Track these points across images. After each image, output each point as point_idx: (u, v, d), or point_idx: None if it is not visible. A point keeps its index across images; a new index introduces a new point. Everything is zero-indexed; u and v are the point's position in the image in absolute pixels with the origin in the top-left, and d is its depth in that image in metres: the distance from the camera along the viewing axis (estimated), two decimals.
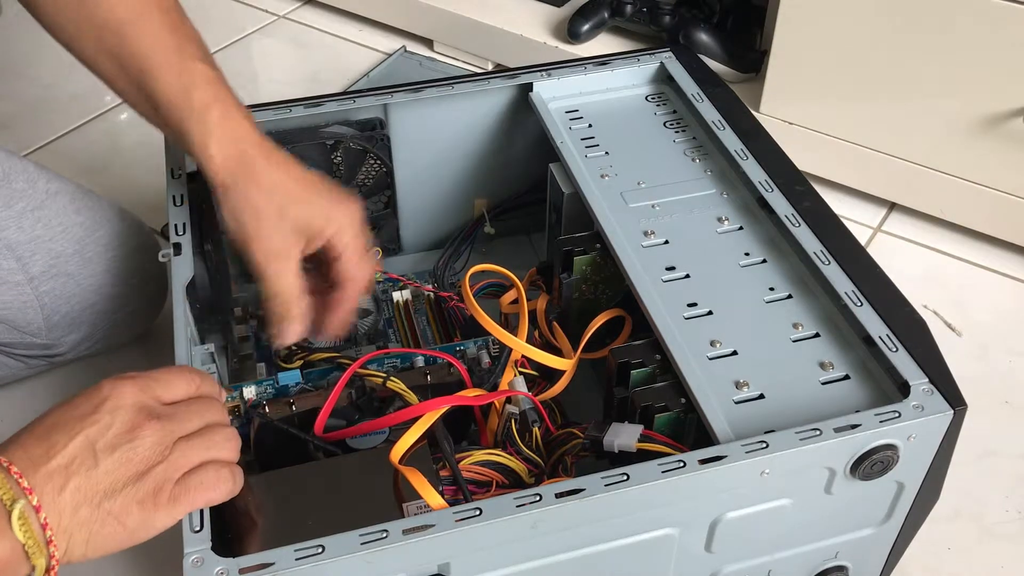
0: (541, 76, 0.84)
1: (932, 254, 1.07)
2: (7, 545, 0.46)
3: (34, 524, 0.47)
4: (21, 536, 0.46)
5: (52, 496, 0.48)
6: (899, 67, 0.99)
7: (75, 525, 0.49)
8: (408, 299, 0.86)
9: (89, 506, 0.49)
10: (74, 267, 0.82)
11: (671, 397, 0.62)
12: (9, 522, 0.46)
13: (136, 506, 0.50)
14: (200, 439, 0.53)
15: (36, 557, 0.47)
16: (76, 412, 0.51)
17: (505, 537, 0.52)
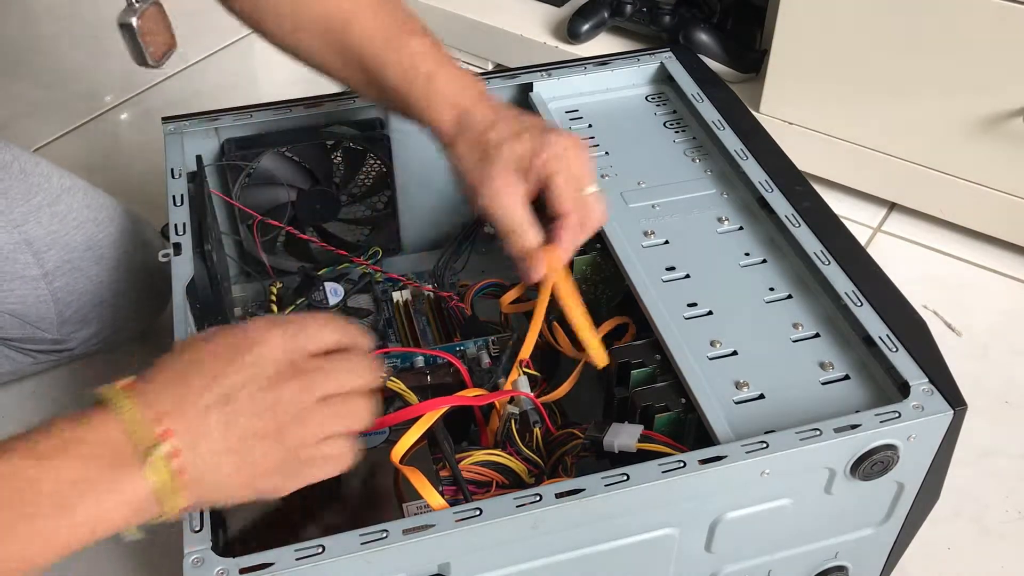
0: (541, 76, 0.84)
1: (932, 254, 1.07)
2: (142, 485, 0.46)
3: (169, 466, 0.46)
4: (155, 477, 0.46)
5: (188, 440, 0.47)
6: (899, 67, 0.99)
7: (208, 470, 0.48)
8: (408, 299, 0.86)
9: (222, 454, 0.48)
10: (86, 263, 0.84)
11: (671, 397, 0.62)
12: (145, 463, 0.46)
13: (264, 469, 0.49)
14: (338, 407, 0.51)
15: (168, 500, 0.47)
16: (218, 355, 0.50)
17: (505, 537, 0.52)
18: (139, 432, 0.46)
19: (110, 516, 0.46)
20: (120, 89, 1.33)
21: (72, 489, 0.45)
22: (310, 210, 0.85)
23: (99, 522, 0.45)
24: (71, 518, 0.45)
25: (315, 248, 0.86)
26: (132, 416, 0.47)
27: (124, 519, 0.46)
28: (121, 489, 0.46)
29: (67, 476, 0.45)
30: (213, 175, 0.82)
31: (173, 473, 0.46)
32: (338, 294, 0.81)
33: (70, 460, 0.45)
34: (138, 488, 0.46)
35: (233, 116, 0.81)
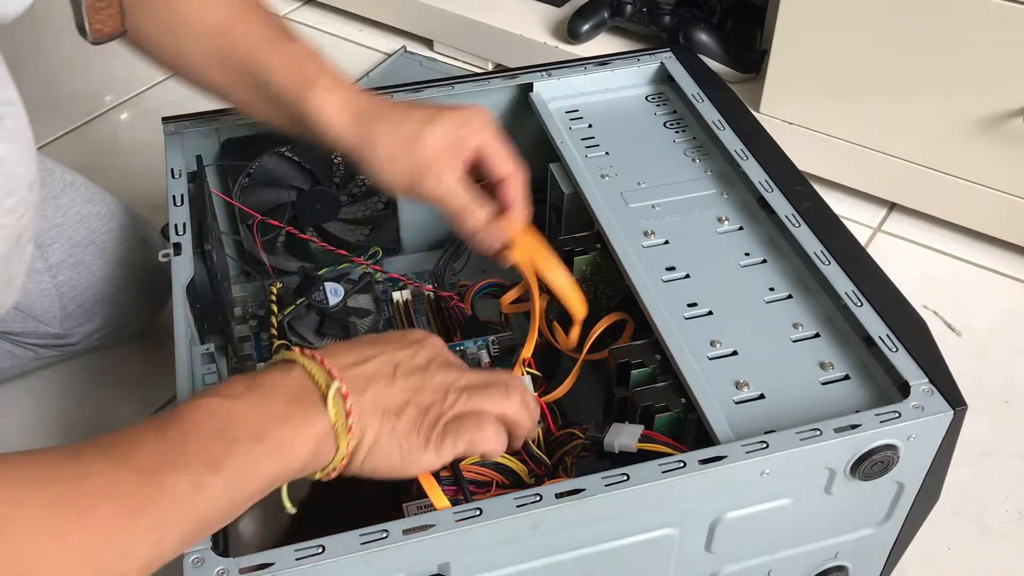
0: (541, 76, 0.84)
1: (932, 254, 1.07)
2: (324, 422, 0.50)
3: (343, 404, 0.50)
4: (333, 415, 0.50)
5: (355, 391, 0.51)
6: (899, 67, 0.99)
7: (367, 424, 0.52)
8: (408, 299, 0.86)
9: (379, 415, 0.52)
10: (89, 257, 0.84)
11: (671, 397, 0.62)
12: (324, 401, 0.50)
13: (413, 432, 0.53)
14: (479, 391, 0.56)
15: (341, 439, 0.50)
16: (387, 338, 0.56)
17: (505, 537, 0.52)
18: (318, 374, 0.51)
19: (296, 448, 0.49)
20: (120, 89, 1.33)
21: (262, 420, 0.48)
22: (310, 210, 0.85)
23: (289, 451, 0.48)
24: (264, 447, 0.48)
25: (315, 248, 0.86)
26: (310, 364, 0.51)
27: (307, 454, 0.49)
28: (305, 420, 0.49)
29: (257, 409, 0.49)
30: (213, 175, 0.82)
31: (346, 412, 0.50)
32: (338, 294, 0.81)
33: (258, 396, 0.49)
34: (319, 422, 0.50)
35: (233, 116, 0.81)
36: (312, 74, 0.66)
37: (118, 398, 0.91)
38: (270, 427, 0.48)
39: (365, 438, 0.52)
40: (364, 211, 0.88)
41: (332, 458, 0.51)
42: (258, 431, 0.48)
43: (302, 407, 0.50)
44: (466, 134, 0.66)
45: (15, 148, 0.55)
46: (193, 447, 0.46)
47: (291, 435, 0.49)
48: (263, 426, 0.48)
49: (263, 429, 0.48)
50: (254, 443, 0.47)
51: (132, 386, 0.92)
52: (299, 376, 0.51)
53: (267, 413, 0.49)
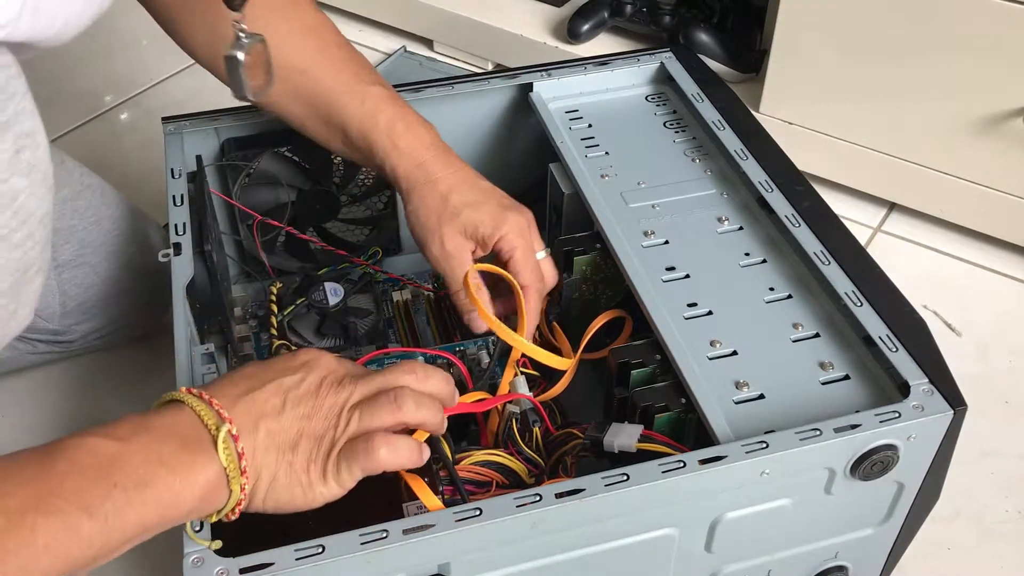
0: (541, 76, 0.84)
1: (932, 254, 1.07)
2: (213, 468, 0.49)
3: (234, 447, 0.49)
4: (224, 460, 0.49)
5: (247, 431, 0.50)
6: (899, 67, 0.99)
7: (263, 465, 0.51)
8: (408, 299, 0.86)
9: (275, 451, 0.51)
10: (98, 258, 0.84)
11: (671, 397, 0.62)
12: (215, 445, 0.49)
13: (311, 466, 0.52)
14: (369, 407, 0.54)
15: (234, 483, 0.49)
16: (274, 365, 0.54)
17: (505, 537, 0.52)
18: (207, 417, 0.50)
19: (182, 496, 0.48)
20: (120, 89, 1.33)
21: (148, 466, 0.47)
22: (310, 210, 0.85)
23: (172, 501, 0.47)
24: (147, 494, 0.46)
25: (315, 248, 0.86)
26: (199, 406, 0.50)
27: (194, 500, 0.48)
28: (192, 467, 0.48)
29: (143, 455, 0.47)
30: (213, 175, 0.82)
31: (237, 455, 0.49)
32: (338, 294, 0.81)
33: (146, 441, 0.48)
34: (208, 469, 0.48)
35: (233, 116, 0.81)
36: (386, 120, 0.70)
37: (118, 398, 0.91)
38: (156, 474, 0.47)
39: (262, 478, 0.51)
40: (364, 211, 0.88)
41: (226, 502, 0.50)
42: (143, 477, 0.47)
43: (190, 453, 0.48)
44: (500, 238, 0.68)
45: (30, 182, 0.55)
46: (70, 488, 0.45)
47: (177, 483, 0.47)
48: (148, 473, 0.47)
49: (148, 476, 0.47)
50: (137, 489, 0.46)
51: (132, 386, 0.92)
52: (189, 418, 0.50)
53: (153, 459, 0.47)
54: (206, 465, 0.49)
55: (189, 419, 0.50)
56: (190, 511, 0.49)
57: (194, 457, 0.48)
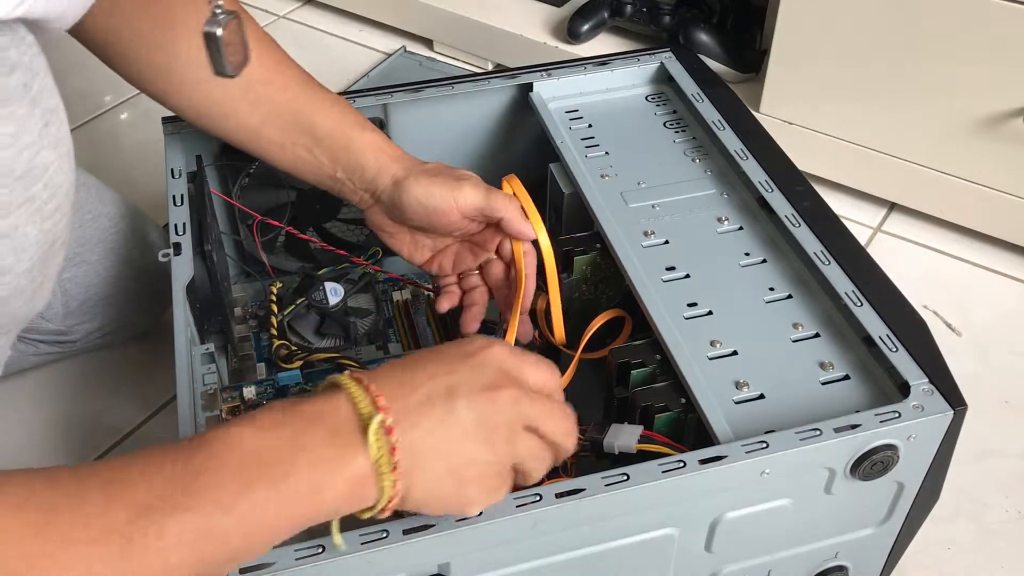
0: (541, 76, 0.84)
1: (932, 254, 1.07)
2: (362, 462, 0.46)
3: (386, 440, 0.46)
4: (375, 451, 0.46)
5: (405, 425, 0.47)
6: (899, 67, 0.99)
7: (417, 464, 0.47)
8: (408, 299, 0.86)
9: (435, 456, 0.48)
10: (97, 256, 0.84)
11: (671, 397, 0.62)
12: (365, 436, 0.46)
13: (476, 482, 0.49)
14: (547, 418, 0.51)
15: (384, 479, 0.46)
16: (442, 357, 0.51)
17: (505, 537, 0.52)
18: (362, 404, 0.47)
19: (325, 492, 0.45)
20: (120, 89, 1.33)
21: (289, 460, 0.44)
22: (310, 210, 0.85)
23: (318, 495, 0.45)
24: (287, 489, 0.44)
25: (315, 248, 0.86)
26: (355, 391, 0.47)
27: (339, 498, 0.45)
28: (338, 461, 0.45)
29: (286, 447, 0.45)
30: (213, 175, 0.82)
31: (389, 448, 0.46)
32: (338, 294, 0.81)
33: (290, 432, 0.45)
34: (357, 463, 0.45)
35: None
36: (357, 119, 0.72)
37: (118, 398, 0.91)
38: (298, 468, 0.44)
39: (416, 477, 0.47)
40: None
41: (376, 500, 0.47)
42: (283, 472, 0.44)
43: (337, 446, 0.46)
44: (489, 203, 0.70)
45: (57, 155, 0.56)
46: (205, 485, 0.43)
47: (320, 478, 0.45)
48: (290, 466, 0.44)
49: (288, 470, 0.44)
50: (276, 484, 0.44)
51: (132, 386, 0.92)
52: (342, 405, 0.47)
53: (296, 452, 0.45)
54: (353, 459, 0.45)
55: (342, 407, 0.47)
56: (336, 508, 0.46)
57: (341, 450, 0.45)
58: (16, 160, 0.52)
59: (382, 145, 0.71)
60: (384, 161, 0.71)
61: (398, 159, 0.71)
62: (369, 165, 0.71)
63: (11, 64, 0.50)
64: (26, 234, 0.54)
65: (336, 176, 0.72)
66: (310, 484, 0.44)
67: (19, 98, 0.51)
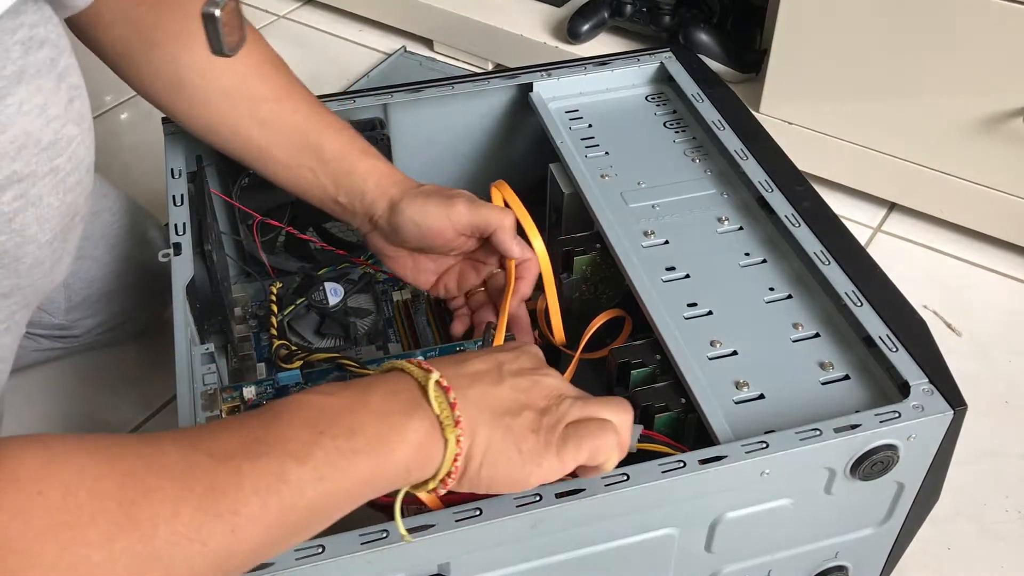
0: (541, 76, 0.84)
1: (932, 254, 1.07)
2: (426, 417, 0.47)
3: (445, 397, 0.48)
4: (436, 407, 0.47)
5: (459, 387, 0.49)
6: (899, 67, 0.99)
7: (478, 422, 0.48)
8: (408, 299, 0.86)
9: (491, 413, 0.49)
10: (99, 251, 0.85)
11: (671, 397, 0.62)
12: (426, 396, 0.47)
13: (532, 434, 0.50)
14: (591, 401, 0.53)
15: (448, 431, 0.47)
16: (487, 351, 0.54)
17: (505, 537, 0.52)
18: (415, 372, 0.49)
19: (394, 445, 0.46)
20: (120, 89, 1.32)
21: (357, 415, 0.46)
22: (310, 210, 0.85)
23: (384, 449, 0.45)
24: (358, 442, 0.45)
25: (315, 248, 0.86)
26: (408, 366, 0.49)
27: (409, 453, 0.46)
28: (404, 416, 0.47)
29: (352, 405, 0.46)
30: (213, 175, 0.82)
31: (449, 404, 0.47)
32: (338, 294, 0.81)
33: (354, 394, 0.47)
34: (420, 418, 0.47)
35: None
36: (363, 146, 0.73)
37: (118, 397, 0.91)
38: (365, 422, 0.46)
39: (477, 438, 0.48)
40: None
41: (442, 459, 0.47)
42: (351, 426, 0.45)
43: (401, 402, 0.47)
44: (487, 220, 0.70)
45: (80, 130, 0.58)
46: (277, 436, 0.44)
47: (388, 430, 0.46)
48: (357, 421, 0.46)
49: (357, 423, 0.45)
50: (346, 438, 0.45)
51: (132, 386, 0.92)
52: (396, 376, 0.49)
53: (362, 408, 0.46)
54: (417, 414, 0.47)
55: (397, 375, 0.49)
56: (407, 466, 0.46)
57: (405, 407, 0.47)
58: (43, 131, 0.54)
59: (384, 171, 0.72)
60: (384, 186, 0.71)
61: (396, 183, 0.72)
62: (369, 190, 0.71)
63: (40, 41, 0.53)
64: (49, 204, 0.56)
65: (338, 200, 0.73)
66: (379, 437, 0.46)
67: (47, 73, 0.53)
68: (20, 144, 0.53)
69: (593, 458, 0.51)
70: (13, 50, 0.52)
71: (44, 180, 0.55)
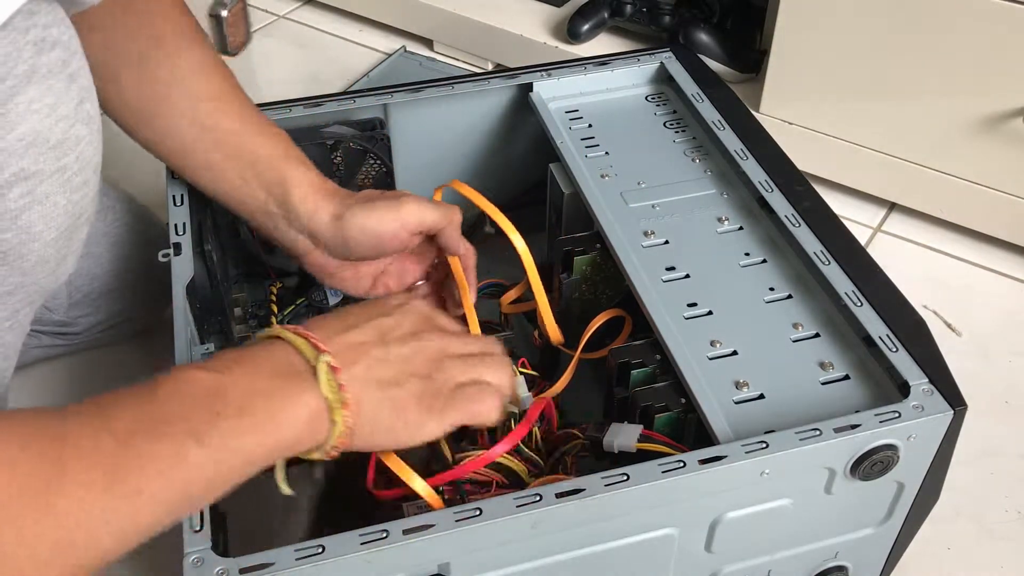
0: (541, 76, 0.84)
1: (932, 254, 1.07)
2: (315, 399, 0.50)
3: (334, 378, 0.50)
4: (325, 390, 0.50)
5: (346, 364, 0.51)
6: (899, 67, 0.99)
7: (364, 399, 0.51)
8: None
9: (376, 387, 0.52)
10: (101, 248, 0.85)
11: (671, 397, 0.62)
12: (315, 376, 0.50)
13: (415, 402, 0.53)
14: (474, 359, 0.57)
15: (336, 414, 0.50)
16: (369, 309, 0.56)
17: (505, 537, 0.53)
18: (305, 350, 0.51)
19: (283, 424, 0.48)
20: None
21: (248, 396, 0.48)
22: None
23: (274, 428, 0.48)
24: (249, 422, 0.47)
25: None
26: (296, 340, 0.51)
27: (297, 430, 0.49)
28: (292, 397, 0.49)
29: (242, 386, 0.48)
30: None
31: (337, 386, 0.50)
32: (338, 294, 0.81)
33: (243, 373, 0.49)
34: (310, 399, 0.49)
35: None
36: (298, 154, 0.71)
37: None
38: (255, 404, 0.48)
39: (364, 412, 0.51)
40: None
41: (329, 435, 0.50)
42: (243, 407, 0.47)
43: (289, 382, 0.49)
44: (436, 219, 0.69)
45: (89, 131, 0.59)
46: (176, 415, 0.46)
47: (278, 410, 0.48)
48: (248, 402, 0.48)
49: (248, 405, 0.48)
50: (239, 418, 0.47)
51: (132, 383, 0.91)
52: (284, 351, 0.51)
53: (252, 390, 0.48)
54: (306, 394, 0.49)
55: (286, 352, 0.51)
56: (296, 441, 0.49)
57: (294, 388, 0.49)
58: (52, 130, 0.55)
59: (316, 182, 0.70)
60: (318, 200, 0.69)
61: (330, 195, 0.70)
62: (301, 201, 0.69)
63: (52, 42, 0.53)
64: (56, 203, 0.57)
65: (270, 210, 0.71)
66: (270, 419, 0.48)
67: (58, 73, 0.54)
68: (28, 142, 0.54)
69: (474, 420, 0.55)
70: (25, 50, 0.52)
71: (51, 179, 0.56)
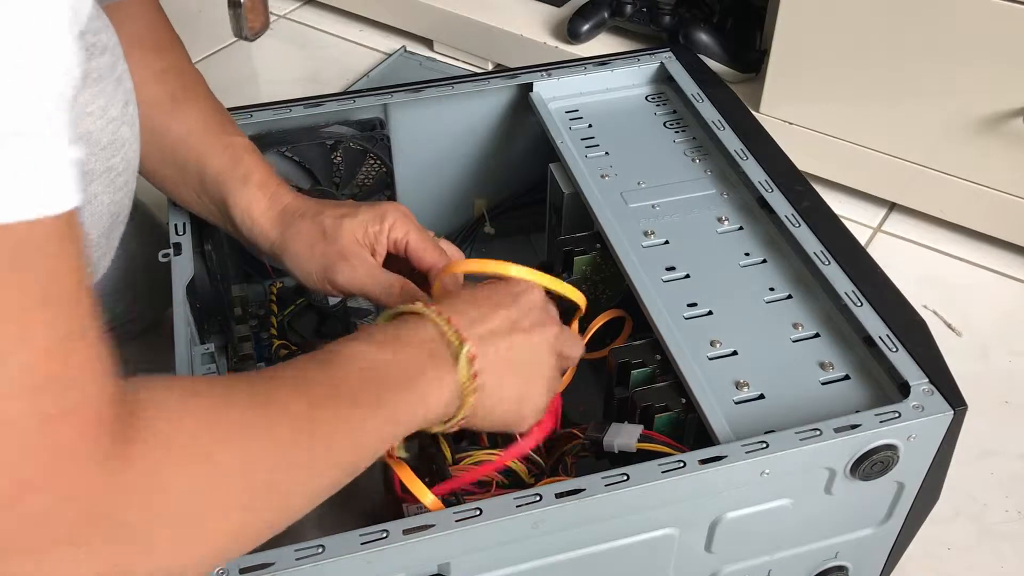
0: (541, 76, 0.84)
1: (932, 254, 1.07)
2: (454, 382, 0.53)
3: (471, 366, 0.53)
4: (463, 376, 0.53)
5: (480, 353, 0.54)
6: (899, 67, 0.99)
7: (489, 384, 0.55)
8: None
9: (499, 373, 0.55)
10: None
11: (671, 397, 0.62)
12: (456, 361, 0.53)
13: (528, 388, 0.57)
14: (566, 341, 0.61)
15: (467, 397, 0.53)
16: (497, 296, 0.58)
17: (505, 537, 0.53)
18: (450, 336, 0.54)
19: (431, 401, 0.52)
20: None
21: (406, 371, 0.51)
22: None
23: (424, 404, 0.52)
24: (410, 395, 0.51)
25: None
26: (443, 324, 0.54)
27: (440, 407, 0.53)
28: (441, 378, 0.52)
29: (404, 362, 0.52)
30: None
31: (472, 374, 0.53)
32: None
33: (403, 348, 0.52)
34: (451, 381, 0.53)
35: (233, 116, 0.80)
36: (245, 168, 0.68)
37: None
38: (415, 380, 0.51)
39: (488, 395, 0.54)
40: None
41: (456, 414, 0.53)
42: (405, 381, 0.51)
43: (437, 363, 0.53)
44: (380, 230, 0.67)
45: (132, 133, 0.60)
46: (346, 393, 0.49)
47: (429, 390, 0.52)
48: (410, 377, 0.51)
49: (410, 381, 0.51)
50: (405, 390, 0.51)
51: None
52: (430, 332, 0.54)
53: (412, 366, 0.52)
54: (448, 376, 0.53)
55: (432, 333, 0.54)
56: (435, 418, 0.53)
57: (441, 370, 0.53)
58: (103, 132, 0.56)
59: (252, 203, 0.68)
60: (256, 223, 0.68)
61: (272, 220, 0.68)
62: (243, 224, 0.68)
63: (103, 46, 0.55)
64: (101, 202, 0.59)
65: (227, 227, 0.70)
66: (424, 393, 0.52)
67: (108, 76, 0.56)
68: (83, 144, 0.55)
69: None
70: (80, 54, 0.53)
71: (100, 179, 0.58)
